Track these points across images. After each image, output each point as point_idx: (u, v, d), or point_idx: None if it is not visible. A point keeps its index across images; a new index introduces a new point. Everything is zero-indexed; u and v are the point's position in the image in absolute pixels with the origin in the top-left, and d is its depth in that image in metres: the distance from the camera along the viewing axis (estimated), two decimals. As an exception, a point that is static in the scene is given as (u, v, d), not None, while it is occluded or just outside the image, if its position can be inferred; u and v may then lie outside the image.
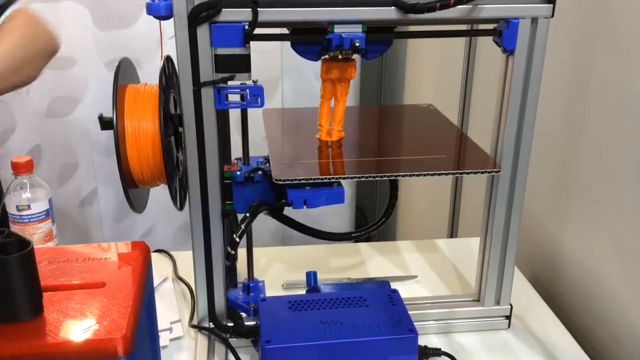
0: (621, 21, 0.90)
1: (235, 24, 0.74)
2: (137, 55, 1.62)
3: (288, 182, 0.80)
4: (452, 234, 1.65)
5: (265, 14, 0.74)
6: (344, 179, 0.82)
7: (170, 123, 0.83)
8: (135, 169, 0.80)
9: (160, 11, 0.74)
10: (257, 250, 0.98)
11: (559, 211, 1.09)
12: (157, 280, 1.05)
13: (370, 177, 0.81)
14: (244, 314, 0.91)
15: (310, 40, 0.81)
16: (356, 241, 1.15)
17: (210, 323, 0.89)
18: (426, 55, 1.90)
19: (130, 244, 0.75)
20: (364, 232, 0.98)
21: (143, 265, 0.72)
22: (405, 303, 0.84)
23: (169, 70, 0.85)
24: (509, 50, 0.81)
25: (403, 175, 0.82)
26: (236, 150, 0.91)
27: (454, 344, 0.93)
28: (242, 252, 0.93)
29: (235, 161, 0.90)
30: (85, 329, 0.60)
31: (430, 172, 0.82)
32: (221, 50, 0.75)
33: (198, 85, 0.76)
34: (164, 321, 0.94)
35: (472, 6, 0.77)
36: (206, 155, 0.80)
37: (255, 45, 0.76)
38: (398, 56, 2.13)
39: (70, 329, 0.60)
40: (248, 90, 0.78)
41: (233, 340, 0.88)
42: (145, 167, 0.81)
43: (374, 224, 0.97)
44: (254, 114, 0.93)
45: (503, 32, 0.80)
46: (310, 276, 0.95)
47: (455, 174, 0.85)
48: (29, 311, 0.61)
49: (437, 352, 0.87)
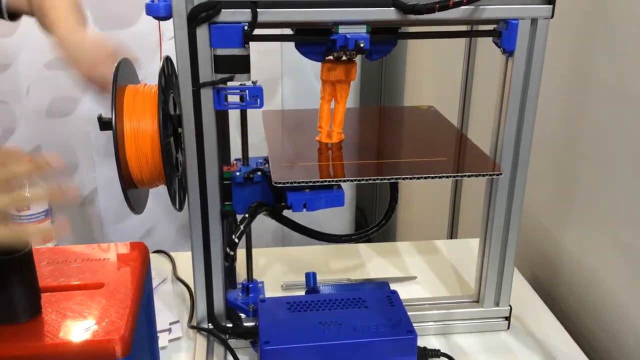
0: (621, 22, 0.90)
1: (234, 25, 0.74)
2: (137, 55, 1.62)
3: (287, 185, 0.80)
4: (452, 234, 1.65)
5: (264, 14, 0.74)
6: (344, 181, 0.82)
7: (170, 124, 0.83)
8: (134, 169, 0.80)
9: (159, 11, 0.74)
10: (257, 251, 0.98)
11: (559, 212, 1.09)
12: (157, 281, 1.05)
13: (370, 180, 0.81)
14: (243, 315, 0.91)
15: (313, 41, 0.81)
16: (356, 242, 1.15)
17: (209, 324, 0.89)
18: (426, 56, 1.90)
19: (129, 245, 0.76)
20: (363, 234, 0.98)
21: (142, 266, 0.72)
22: (405, 304, 0.84)
23: (169, 70, 0.85)
24: (508, 51, 0.81)
25: (404, 179, 0.82)
26: (236, 151, 0.91)
27: (453, 345, 0.93)
28: (242, 253, 0.93)
29: (235, 162, 0.90)
30: (83, 330, 0.60)
31: (431, 176, 0.81)
32: (220, 51, 0.75)
33: (197, 85, 0.76)
34: (163, 322, 0.94)
35: (471, 7, 0.77)
36: (205, 156, 0.80)
37: (255, 45, 0.76)
38: (398, 57, 2.13)
39: (69, 330, 0.60)
40: (247, 91, 0.78)
41: (232, 341, 0.88)
42: (145, 168, 0.80)
43: (374, 226, 0.97)
44: (254, 114, 0.93)
45: (502, 33, 0.80)
46: (310, 277, 0.95)
47: (456, 177, 0.85)
48: (27, 312, 0.61)
49: (436, 353, 0.86)
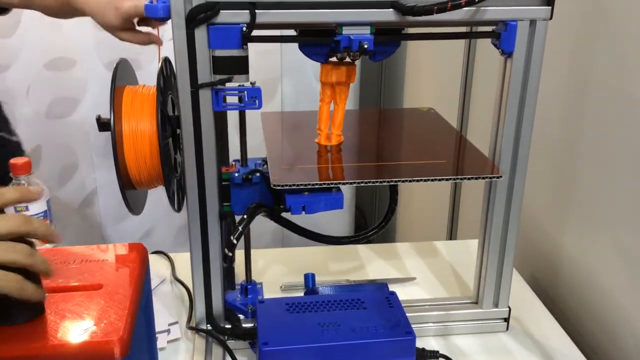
0: (620, 24, 0.90)
1: (233, 26, 0.74)
2: (136, 56, 1.62)
3: (286, 188, 0.79)
4: (451, 236, 1.65)
5: (263, 15, 0.74)
6: (343, 184, 0.82)
7: (168, 125, 0.83)
8: (132, 170, 0.80)
9: (158, 13, 0.74)
10: (256, 252, 0.98)
11: (558, 213, 1.09)
12: (155, 282, 1.05)
13: (369, 183, 0.81)
14: (241, 316, 0.91)
15: (317, 42, 0.80)
16: (355, 244, 1.15)
17: (208, 325, 0.89)
18: (426, 58, 1.90)
19: (128, 246, 0.75)
20: (362, 236, 0.98)
21: (140, 267, 0.72)
22: (404, 305, 0.84)
23: (167, 71, 0.85)
24: (507, 53, 0.81)
25: (403, 181, 0.82)
26: (235, 152, 0.91)
27: (452, 346, 0.92)
28: (241, 254, 0.93)
29: (234, 163, 0.90)
30: (82, 331, 0.60)
31: (431, 178, 0.81)
32: (219, 52, 0.75)
33: (196, 86, 0.76)
34: (161, 323, 0.94)
35: (470, 9, 0.77)
36: (204, 157, 0.80)
37: (255, 46, 0.76)
38: (398, 59, 2.13)
39: (68, 331, 0.60)
40: (246, 92, 0.78)
41: (231, 342, 0.88)
42: (143, 169, 0.80)
43: (373, 228, 0.96)
44: (254, 115, 0.93)
45: (501, 35, 0.80)
46: (309, 278, 0.95)
47: (456, 179, 0.84)
48: (31, 312, 0.61)
49: (435, 355, 0.86)
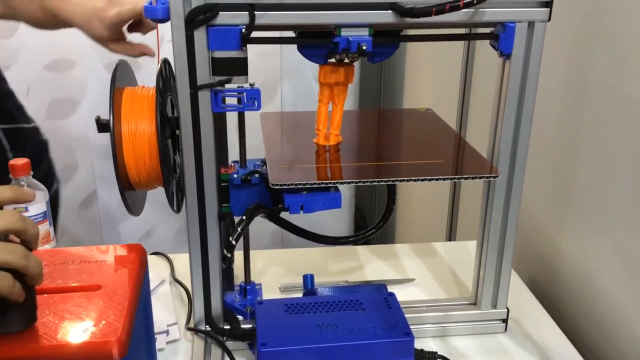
0: (618, 25, 0.90)
1: (232, 27, 0.74)
2: (136, 57, 1.62)
3: (285, 187, 0.80)
4: (450, 237, 1.65)
5: (262, 17, 0.74)
6: (341, 183, 0.82)
7: (167, 126, 0.83)
8: (132, 171, 0.80)
9: (157, 14, 0.74)
10: (255, 253, 0.98)
11: (557, 214, 1.09)
12: (155, 283, 1.05)
13: (367, 182, 0.81)
14: (240, 317, 0.91)
15: (314, 43, 0.81)
16: (354, 244, 1.15)
17: (207, 326, 0.89)
18: (425, 59, 1.91)
19: (127, 247, 0.76)
20: (361, 237, 0.98)
21: (139, 267, 0.72)
22: (402, 306, 0.84)
23: (166, 73, 0.85)
24: (505, 54, 0.81)
25: (401, 181, 0.82)
26: (234, 153, 0.91)
27: (450, 347, 0.93)
28: (240, 255, 0.93)
29: (233, 164, 0.90)
30: (81, 332, 0.60)
31: (428, 178, 0.81)
32: (218, 53, 0.75)
33: (195, 88, 0.76)
34: (160, 324, 0.94)
35: (469, 10, 0.77)
36: (203, 158, 0.80)
37: (255, 47, 0.76)
38: (397, 60, 2.13)
39: (66, 332, 0.60)
40: (245, 93, 0.78)
41: (229, 343, 0.88)
42: (142, 170, 0.81)
43: (372, 228, 0.96)
44: (253, 117, 0.93)
45: (500, 36, 0.80)
46: (307, 279, 0.95)
47: (453, 179, 0.85)
48: (23, 322, 0.61)
49: (434, 356, 0.86)
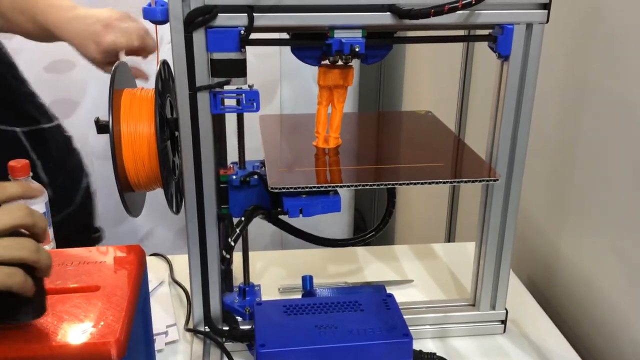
0: (616, 27, 0.91)
1: (231, 29, 0.74)
2: (136, 59, 1.63)
3: (284, 191, 0.80)
4: (450, 238, 1.65)
5: (261, 19, 0.74)
6: (341, 187, 0.82)
7: (167, 127, 0.83)
8: (131, 172, 0.80)
9: (156, 16, 0.75)
10: (254, 254, 0.98)
11: (556, 216, 1.09)
12: (154, 284, 1.05)
13: (367, 186, 0.81)
14: (239, 318, 0.91)
15: (309, 45, 0.81)
16: (353, 246, 1.15)
17: (206, 327, 0.89)
18: (424, 61, 1.91)
19: (126, 248, 0.76)
20: (360, 239, 0.98)
21: (138, 268, 0.72)
22: (401, 307, 0.84)
23: (165, 74, 0.85)
24: (503, 56, 0.81)
25: (400, 184, 0.82)
26: (233, 154, 0.91)
27: (449, 348, 0.93)
28: (239, 256, 0.94)
29: (231, 165, 0.90)
30: (79, 333, 0.60)
31: (428, 181, 0.81)
32: (217, 55, 0.75)
33: (194, 89, 0.76)
34: (159, 325, 0.94)
35: (467, 12, 0.77)
36: (202, 159, 0.80)
37: (254, 49, 0.76)
38: (396, 62, 2.14)
39: (65, 333, 0.61)
40: (244, 95, 0.78)
41: (228, 344, 0.89)
42: (141, 171, 0.81)
43: (371, 231, 0.97)
44: (252, 118, 0.93)
45: (498, 38, 0.80)
46: (306, 280, 0.95)
47: (453, 182, 0.85)
48: (34, 312, 0.61)
49: (432, 357, 0.86)
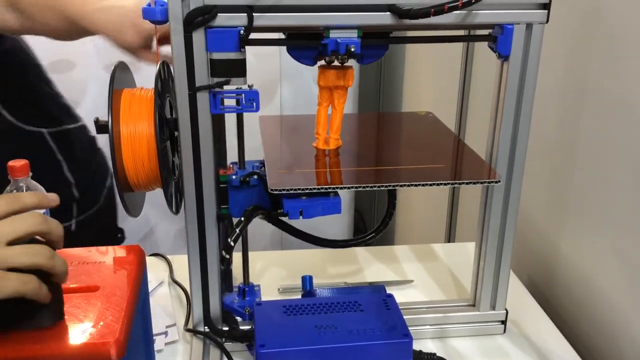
0: (616, 27, 0.90)
1: (230, 29, 0.74)
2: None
3: (284, 192, 0.80)
4: (450, 238, 1.65)
5: (260, 19, 0.74)
6: (341, 189, 0.82)
7: (166, 127, 0.83)
8: (130, 172, 0.80)
9: (156, 16, 0.75)
10: (254, 254, 0.98)
11: (556, 216, 1.09)
12: (153, 284, 1.05)
13: (367, 187, 0.81)
14: (239, 318, 0.91)
15: (305, 45, 0.81)
16: (353, 246, 1.15)
17: (206, 327, 0.89)
18: (424, 61, 1.91)
19: (125, 248, 0.76)
20: (360, 240, 0.98)
21: (138, 269, 0.72)
22: (401, 308, 0.84)
23: (165, 74, 0.85)
24: (503, 56, 0.81)
25: (401, 186, 0.82)
26: (233, 154, 0.91)
27: (449, 348, 0.93)
28: (239, 257, 0.93)
29: (231, 165, 0.90)
30: (79, 333, 0.61)
31: (429, 183, 0.81)
32: (216, 55, 0.75)
33: (193, 89, 0.76)
34: (159, 325, 0.94)
35: (467, 12, 0.77)
36: (202, 159, 0.80)
37: (254, 49, 0.76)
38: (396, 62, 2.14)
39: (64, 333, 0.61)
40: (243, 95, 0.78)
41: (228, 345, 0.88)
42: (141, 171, 0.81)
43: (371, 232, 0.96)
44: (252, 118, 0.93)
45: (498, 38, 0.80)
46: (306, 280, 0.95)
47: (454, 184, 0.85)
48: (50, 318, 0.62)
49: (432, 357, 0.86)
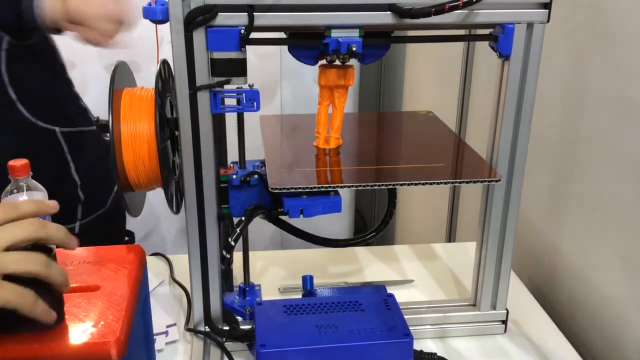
0: (617, 26, 0.90)
1: (231, 28, 0.74)
2: (136, 58, 1.62)
3: (284, 191, 0.80)
4: (450, 238, 1.65)
5: (261, 18, 0.74)
6: (341, 187, 0.82)
7: (167, 127, 0.83)
8: (131, 172, 0.80)
9: (156, 15, 0.75)
10: (254, 254, 0.98)
11: (556, 216, 1.09)
12: (154, 284, 1.05)
13: (368, 186, 0.81)
14: (239, 318, 0.91)
15: (306, 44, 0.81)
16: (353, 246, 1.15)
17: (206, 327, 0.89)
18: (425, 61, 1.91)
19: (126, 248, 0.76)
20: (361, 240, 0.98)
21: (138, 268, 0.72)
22: (402, 307, 0.84)
23: (165, 74, 0.85)
24: (504, 56, 0.81)
25: (401, 185, 0.82)
26: (233, 154, 0.91)
27: (449, 348, 0.93)
28: (240, 256, 0.93)
29: (232, 165, 0.90)
30: (79, 332, 0.61)
31: (429, 182, 0.81)
32: (217, 54, 0.75)
33: (194, 89, 0.76)
34: (159, 324, 0.94)
35: (468, 11, 0.77)
36: (202, 159, 0.80)
37: (255, 49, 0.76)
38: (396, 62, 2.13)
39: (65, 332, 0.61)
40: (244, 94, 0.78)
41: (228, 344, 0.88)
42: (141, 171, 0.81)
43: (372, 232, 0.96)
44: (253, 117, 0.93)
45: (499, 37, 0.80)
46: (307, 280, 0.95)
47: (454, 183, 0.85)
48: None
49: (433, 357, 0.86)
